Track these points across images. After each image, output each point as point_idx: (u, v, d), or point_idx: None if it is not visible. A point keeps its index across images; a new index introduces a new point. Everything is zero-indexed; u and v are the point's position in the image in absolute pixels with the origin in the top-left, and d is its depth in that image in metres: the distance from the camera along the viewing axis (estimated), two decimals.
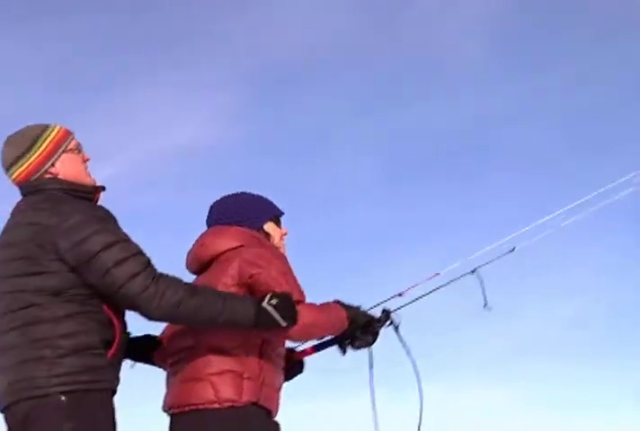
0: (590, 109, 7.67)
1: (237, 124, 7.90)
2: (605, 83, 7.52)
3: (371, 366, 2.93)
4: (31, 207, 2.59)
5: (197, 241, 2.95)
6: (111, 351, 2.54)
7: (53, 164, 2.64)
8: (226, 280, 2.74)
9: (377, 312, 2.94)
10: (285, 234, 3.03)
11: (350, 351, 2.91)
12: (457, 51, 7.90)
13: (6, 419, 2.55)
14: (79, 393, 2.45)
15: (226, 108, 7.83)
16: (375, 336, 2.89)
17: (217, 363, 2.69)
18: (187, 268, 2.97)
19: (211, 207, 3.03)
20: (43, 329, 2.47)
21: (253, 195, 3.03)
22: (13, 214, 2.66)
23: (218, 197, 3.04)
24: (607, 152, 7.37)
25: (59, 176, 2.64)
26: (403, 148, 8.04)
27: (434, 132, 7.89)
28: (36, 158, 2.62)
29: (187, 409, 2.68)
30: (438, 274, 3.08)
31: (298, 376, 3.04)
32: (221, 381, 2.66)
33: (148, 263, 2.51)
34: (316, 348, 2.98)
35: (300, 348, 3.00)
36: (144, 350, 2.92)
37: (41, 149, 2.63)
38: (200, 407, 2.65)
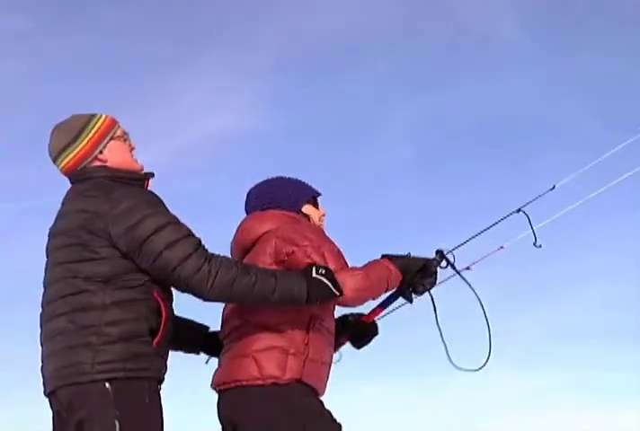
0: (620, 91, 7.61)
1: (274, 110, 7.91)
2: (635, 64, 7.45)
3: (435, 309, 2.91)
4: (81, 195, 2.61)
5: (238, 227, 3.00)
6: (157, 339, 2.53)
7: (101, 152, 2.65)
8: (265, 259, 2.78)
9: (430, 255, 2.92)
10: (323, 215, 3.05)
11: (416, 298, 2.90)
12: (493, 35, 7.87)
13: (51, 404, 2.58)
14: (125, 381, 2.45)
15: (262, 94, 7.87)
16: (433, 277, 2.88)
17: (264, 339, 2.72)
18: (232, 255, 2.99)
19: (249, 194, 3.07)
20: (91, 316, 2.48)
21: (289, 178, 3.06)
22: (63, 202, 2.69)
23: (254, 184, 3.08)
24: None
25: (107, 163, 2.65)
26: (438, 133, 8.04)
27: (470, 116, 7.87)
28: (84, 146, 2.64)
29: (233, 385, 2.71)
30: (502, 247, 3.07)
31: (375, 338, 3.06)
32: (265, 357, 2.69)
33: (199, 244, 2.52)
34: (383, 306, 2.96)
35: (367, 311, 2.99)
36: (218, 345, 2.93)
37: (89, 137, 2.64)
38: (244, 383, 2.69)
